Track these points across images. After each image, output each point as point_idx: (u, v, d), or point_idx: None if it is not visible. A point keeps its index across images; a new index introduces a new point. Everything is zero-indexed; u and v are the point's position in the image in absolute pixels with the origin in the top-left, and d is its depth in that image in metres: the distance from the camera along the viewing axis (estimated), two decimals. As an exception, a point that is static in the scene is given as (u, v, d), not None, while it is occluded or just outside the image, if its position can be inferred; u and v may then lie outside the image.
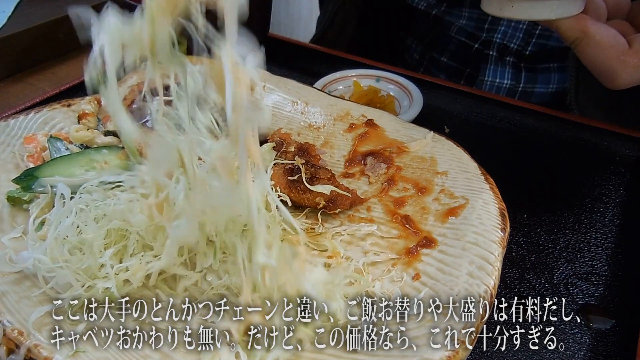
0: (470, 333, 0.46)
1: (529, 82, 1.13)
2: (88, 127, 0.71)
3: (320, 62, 1.11)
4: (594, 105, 1.00)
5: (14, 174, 0.65)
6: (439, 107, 0.96)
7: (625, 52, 0.64)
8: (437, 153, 0.69)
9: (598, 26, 0.65)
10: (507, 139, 0.89)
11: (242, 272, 0.48)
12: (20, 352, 0.45)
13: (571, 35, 0.66)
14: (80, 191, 0.60)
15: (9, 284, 0.52)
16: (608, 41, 0.64)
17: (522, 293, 0.62)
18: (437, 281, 0.53)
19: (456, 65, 1.21)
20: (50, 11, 1.12)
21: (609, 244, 0.68)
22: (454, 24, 1.16)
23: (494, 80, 1.14)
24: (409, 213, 0.63)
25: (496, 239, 0.55)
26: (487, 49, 1.12)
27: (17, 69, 1.07)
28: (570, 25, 0.65)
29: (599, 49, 0.64)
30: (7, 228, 0.60)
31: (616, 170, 0.81)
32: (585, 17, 0.65)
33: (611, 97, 1.01)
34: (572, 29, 0.65)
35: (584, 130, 0.89)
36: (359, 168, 0.71)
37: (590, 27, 0.64)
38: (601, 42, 0.64)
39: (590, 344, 0.56)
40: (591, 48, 0.65)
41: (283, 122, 0.79)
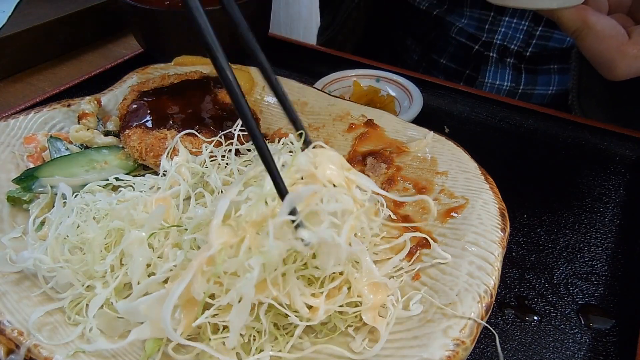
0: (470, 333, 0.46)
1: (529, 83, 1.13)
2: (88, 127, 0.71)
3: (320, 62, 1.11)
4: (596, 106, 1.00)
5: (14, 174, 0.65)
6: (439, 107, 0.96)
7: (625, 43, 0.64)
8: (437, 153, 0.69)
9: (598, 17, 0.65)
10: (507, 139, 0.89)
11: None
12: (20, 352, 0.45)
13: (572, 25, 0.66)
14: (83, 191, 0.60)
15: (9, 284, 0.52)
16: (608, 31, 0.65)
17: (522, 293, 0.62)
18: (437, 281, 0.53)
19: (455, 67, 1.21)
20: (50, 11, 1.12)
21: (609, 244, 0.68)
22: (455, 24, 1.16)
23: (494, 82, 1.14)
24: (409, 213, 0.63)
25: (496, 239, 0.55)
26: (488, 51, 1.12)
27: (17, 69, 1.07)
28: (571, 15, 0.66)
29: (599, 39, 0.65)
30: (7, 228, 0.60)
31: (616, 170, 0.81)
32: (586, 7, 0.66)
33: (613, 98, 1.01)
34: (573, 20, 0.66)
35: (584, 130, 0.89)
36: (359, 168, 0.71)
37: (590, 18, 0.65)
38: (601, 32, 0.64)
39: (590, 344, 0.56)
40: (591, 38, 0.65)
41: (283, 122, 0.79)
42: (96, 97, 0.78)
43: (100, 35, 1.21)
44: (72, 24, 1.14)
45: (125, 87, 0.80)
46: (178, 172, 0.60)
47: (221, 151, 0.63)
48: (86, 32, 1.18)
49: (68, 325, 0.49)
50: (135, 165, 0.67)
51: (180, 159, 0.61)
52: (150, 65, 0.86)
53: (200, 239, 0.50)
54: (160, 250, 0.52)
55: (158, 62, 0.88)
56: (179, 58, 0.87)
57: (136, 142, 0.66)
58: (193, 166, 0.61)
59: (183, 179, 0.59)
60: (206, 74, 0.81)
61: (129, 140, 0.67)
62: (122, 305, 0.47)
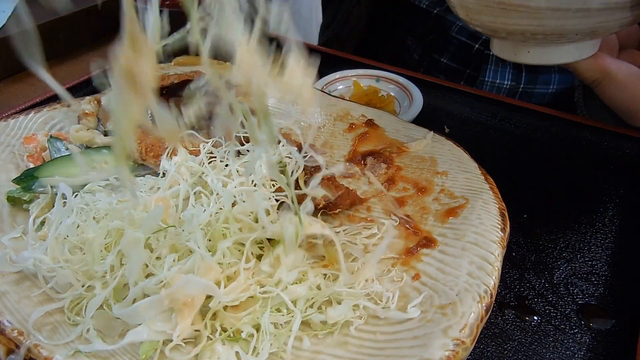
0: (470, 333, 0.46)
1: (529, 82, 1.13)
2: (88, 127, 0.71)
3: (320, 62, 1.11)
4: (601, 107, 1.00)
5: (14, 174, 0.65)
6: (439, 107, 0.96)
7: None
8: (437, 153, 0.69)
9: (618, 64, 0.62)
10: (507, 139, 0.89)
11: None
12: (20, 352, 0.45)
13: (591, 75, 0.63)
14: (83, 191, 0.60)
15: (9, 284, 0.52)
16: (631, 80, 0.61)
17: (522, 293, 0.62)
18: (437, 281, 0.53)
19: (456, 66, 1.21)
20: (50, 11, 1.12)
21: (609, 244, 0.68)
22: (455, 23, 1.16)
23: (494, 81, 1.14)
24: (409, 213, 0.63)
25: (496, 239, 0.55)
26: (488, 49, 1.12)
27: (17, 69, 1.07)
28: (589, 66, 0.62)
29: (622, 89, 0.61)
30: (7, 228, 0.60)
31: (616, 170, 0.81)
32: (603, 55, 0.62)
33: None
34: (592, 70, 0.62)
35: (584, 130, 0.89)
36: (359, 168, 0.71)
37: (610, 67, 0.61)
38: (623, 82, 0.61)
39: (590, 344, 0.56)
40: (613, 88, 0.62)
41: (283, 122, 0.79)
42: (96, 97, 0.78)
43: (100, 35, 1.21)
44: (72, 24, 1.14)
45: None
46: (178, 172, 0.60)
47: (221, 151, 0.63)
48: (86, 32, 1.18)
49: (68, 325, 0.49)
50: (135, 165, 0.67)
51: (179, 159, 0.61)
52: (150, 65, 0.86)
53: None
54: (159, 251, 0.52)
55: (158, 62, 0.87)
56: (179, 58, 0.87)
57: (136, 142, 0.66)
58: (192, 165, 0.61)
59: (183, 178, 0.59)
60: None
61: (129, 140, 0.67)
62: (118, 308, 0.47)
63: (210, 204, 0.54)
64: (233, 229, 0.52)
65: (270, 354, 0.47)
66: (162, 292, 0.46)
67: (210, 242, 0.52)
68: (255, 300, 0.50)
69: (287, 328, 0.49)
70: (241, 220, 0.53)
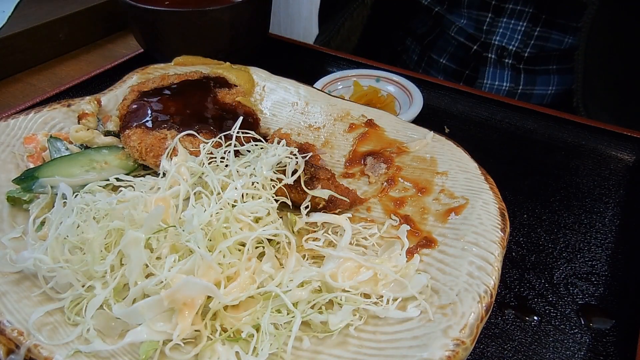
0: (470, 333, 0.46)
1: (528, 84, 1.13)
2: (88, 127, 0.71)
3: (320, 62, 1.11)
4: (601, 107, 1.00)
5: (14, 174, 0.65)
6: (439, 107, 0.96)
7: None
8: (437, 153, 0.69)
9: None
10: (507, 139, 0.89)
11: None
12: (20, 352, 0.45)
13: None
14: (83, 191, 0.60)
15: (9, 284, 0.52)
16: None
17: (522, 293, 0.62)
18: (437, 281, 0.53)
19: (455, 67, 1.21)
20: (50, 11, 1.12)
21: (609, 244, 0.68)
22: (455, 23, 1.16)
23: (493, 83, 1.14)
24: (409, 213, 0.63)
25: (496, 239, 0.55)
26: (486, 52, 1.12)
27: (17, 69, 1.07)
28: None
29: None
30: (7, 228, 0.60)
31: (616, 170, 0.81)
32: None
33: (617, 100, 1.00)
34: None
35: (583, 130, 0.89)
36: (359, 168, 0.71)
37: None
38: None
39: (590, 344, 0.56)
40: None
41: (283, 122, 0.79)
42: (96, 97, 0.78)
43: (100, 35, 1.21)
44: (72, 24, 1.14)
45: (126, 87, 0.80)
46: (178, 172, 0.60)
47: (221, 152, 0.63)
48: (86, 32, 1.18)
49: (68, 326, 0.49)
50: (135, 165, 0.67)
51: (179, 159, 0.61)
52: (150, 65, 0.86)
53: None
54: (159, 251, 0.52)
55: (158, 62, 0.88)
56: (179, 58, 0.87)
57: (136, 142, 0.66)
58: (192, 165, 0.61)
59: (183, 178, 0.59)
60: (206, 74, 0.81)
61: (129, 140, 0.67)
62: (118, 308, 0.47)
63: (210, 204, 0.54)
64: (234, 229, 0.52)
65: (270, 354, 0.47)
66: (163, 293, 0.46)
67: (211, 242, 0.52)
68: (256, 300, 0.50)
69: (287, 328, 0.49)
70: (241, 220, 0.53)
